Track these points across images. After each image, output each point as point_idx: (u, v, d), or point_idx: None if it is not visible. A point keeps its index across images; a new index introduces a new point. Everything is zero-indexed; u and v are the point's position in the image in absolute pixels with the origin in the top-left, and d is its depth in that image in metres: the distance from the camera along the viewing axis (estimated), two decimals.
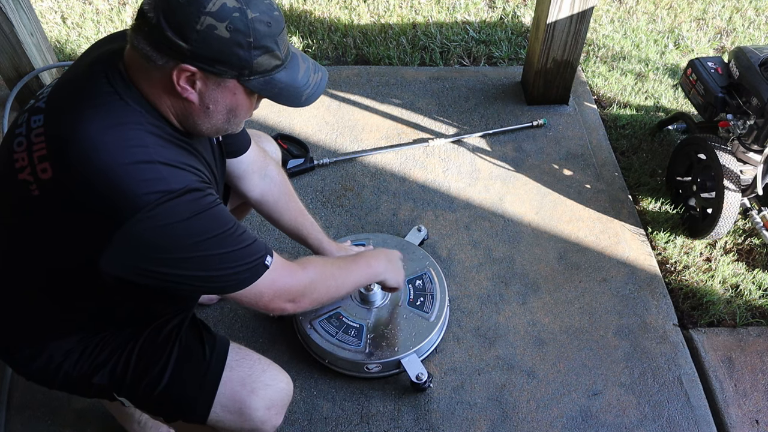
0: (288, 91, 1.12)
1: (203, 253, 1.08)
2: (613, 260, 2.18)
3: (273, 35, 1.06)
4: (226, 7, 1.00)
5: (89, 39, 2.89)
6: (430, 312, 1.87)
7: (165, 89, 1.06)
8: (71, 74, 1.14)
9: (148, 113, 1.07)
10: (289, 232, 1.68)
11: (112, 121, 1.04)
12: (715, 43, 3.11)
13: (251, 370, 1.31)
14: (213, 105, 1.09)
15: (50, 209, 1.05)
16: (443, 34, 3.02)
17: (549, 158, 2.49)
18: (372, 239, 2.03)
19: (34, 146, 1.06)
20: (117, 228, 1.00)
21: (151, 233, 1.03)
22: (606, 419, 1.82)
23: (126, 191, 1.00)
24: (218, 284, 1.14)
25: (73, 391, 1.32)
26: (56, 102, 1.10)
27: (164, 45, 1.01)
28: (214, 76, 1.05)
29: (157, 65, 1.03)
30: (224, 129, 1.16)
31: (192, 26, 0.99)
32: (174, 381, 1.26)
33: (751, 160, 2.11)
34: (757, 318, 2.09)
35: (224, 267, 1.12)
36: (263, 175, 1.57)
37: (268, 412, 1.29)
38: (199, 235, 1.07)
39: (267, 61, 1.07)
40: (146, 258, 1.05)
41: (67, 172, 1.02)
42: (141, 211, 1.00)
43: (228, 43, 1.01)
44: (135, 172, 1.01)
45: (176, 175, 1.05)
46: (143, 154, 1.03)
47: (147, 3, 1.02)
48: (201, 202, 1.07)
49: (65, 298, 1.18)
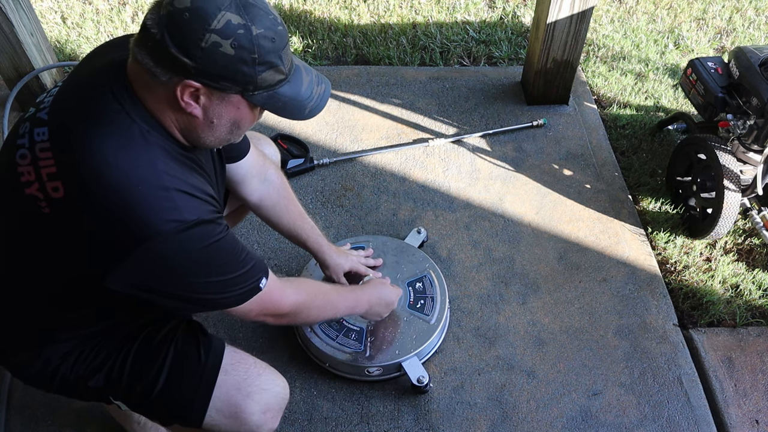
0: (292, 104, 1.13)
1: (206, 279, 1.13)
2: (613, 260, 2.18)
3: (277, 50, 1.05)
4: (230, 24, 1.00)
5: (89, 39, 2.89)
6: (431, 314, 1.87)
7: (169, 104, 1.06)
8: (74, 83, 1.13)
9: (154, 130, 1.07)
10: (288, 236, 1.69)
11: (122, 141, 1.04)
12: (715, 43, 3.11)
13: (247, 374, 1.31)
14: (217, 119, 1.09)
15: (60, 227, 1.05)
16: (443, 34, 3.02)
17: (549, 158, 2.49)
18: (371, 241, 2.03)
19: (41, 161, 1.05)
20: (128, 252, 1.02)
21: (161, 260, 1.05)
22: (606, 419, 1.82)
23: (141, 217, 1.01)
24: (213, 305, 1.21)
25: (70, 394, 1.32)
26: (61, 116, 1.09)
27: (168, 61, 1.00)
28: (218, 91, 1.05)
29: (161, 81, 1.03)
30: (227, 140, 1.17)
31: (196, 44, 0.99)
32: (169, 385, 1.26)
33: (751, 160, 2.11)
34: (757, 318, 2.09)
35: (223, 291, 1.17)
36: (262, 179, 1.57)
37: (263, 416, 1.29)
38: (206, 264, 1.11)
39: (271, 76, 1.07)
40: (151, 279, 1.08)
41: (81, 194, 1.02)
42: (153, 238, 1.02)
43: (233, 60, 1.01)
44: (149, 198, 1.02)
45: (190, 206, 1.07)
46: (156, 178, 1.04)
47: (150, 18, 1.01)
48: (211, 234, 1.10)
49: (64, 304, 1.18)
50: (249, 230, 2.20)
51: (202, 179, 1.15)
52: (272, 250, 2.15)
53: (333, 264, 1.77)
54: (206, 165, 1.24)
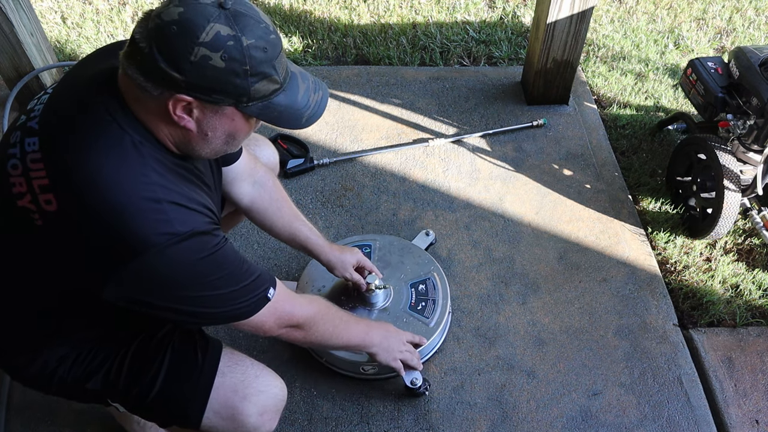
0: (288, 113, 1.11)
1: (205, 293, 1.11)
2: (613, 260, 2.18)
3: (270, 60, 1.03)
4: (220, 36, 0.97)
5: (89, 39, 2.89)
6: (431, 317, 1.86)
7: (162, 118, 1.04)
8: (64, 92, 1.11)
9: (148, 141, 1.05)
10: (285, 239, 1.65)
11: (115, 152, 1.02)
12: (715, 43, 3.11)
13: (244, 375, 1.30)
14: (212, 132, 1.08)
15: (53, 240, 1.04)
16: (443, 34, 3.02)
17: (549, 158, 2.49)
18: (378, 240, 2.03)
19: (32, 173, 1.03)
20: (123, 265, 1.01)
21: (156, 273, 1.04)
22: (606, 419, 1.82)
23: (136, 231, 1.00)
24: (217, 319, 1.18)
25: (68, 396, 1.32)
26: (51, 126, 1.06)
27: (158, 76, 0.98)
28: (210, 104, 1.03)
29: (152, 95, 1.01)
30: (224, 151, 1.15)
31: (186, 57, 0.96)
32: (166, 387, 1.26)
33: (751, 160, 2.11)
34: (757, 318, 2.09)
35: (224, 304, 1.15)
36: (253, 182, 1.55)
37: (260, 418, 1.28)
38: (203, 276, 1.09)
39: (265, 86, 1.05)
40: (148, 293, 1.06)
41: (74, 207, 1.01)
42: (148, 251, 1.01)
43: (224, 72, 0.99)
44: (142, 211, 1.01)
45: (184, 218, 1.05)
46: (150, 191, 1.03)
47: (138, 32, 0.99)
48: (207, 245, 1.08)
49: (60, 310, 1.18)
50: (249, 230, 2.20)
51: (198, 189, 1.14)
52: (272, 250, 2.15)
53: (339, 261, 1.73)
54: (205, 173, 1.22)
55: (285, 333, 1.30)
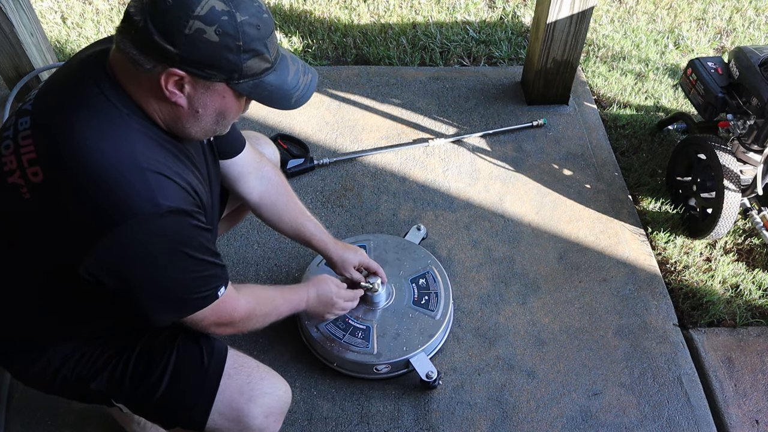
0: (278, 93, 1.11)
1: (173, 275, 1.10)
2: (613, 260, 2.18)
3: (262, 38, 1.04)
4: (214, 11, 0.99)
5: (89, 39, 2.89)
6: (436, 310, 1.87)
7: (153, 93, 1.05)
8: (57, 77, 1.13)
9: (136, 115, 1.06)
10: (291, 234, 1.65)
11: (100, 123, 1.03)
12: (715, 43, 3.11)
13: (249, 377, 1.30)
14: (202, 109, 1.08)
15: (40, 211, 1.04)
16: (443, 34, 3.02)
17: (549, 158, 2.49)
18: (372, 240, 2.03)
19: (22, 149, 1.05)
20: (102, 233, 1.01)
21: (134, 243, 1.03)
22: (606, 419, 1.82)
23: (118, 198, 1.00)
24: (172, 307, 1.16)
25: (71, 396, 1.32)
26: (42, 104, 1.09)
27: (152, 49, 0.99)
28: (202, 80, 1.04)
29: (145, 69, 1.02)
30: (213, 131, 1.15)
31: (180, 30, 0.98)
32: (172, 388, 1.26)
33: (751, 160, 2.11)
34: (757, 318, 2.09)
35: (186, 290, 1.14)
36: (260, 177, 1.55)
37: (266, 420, 1.28)
38: (178, 254, 1.08)
39: (257, 64, 1.06)
40: (122, 264, 1.05)
41: (59, 176, 1.02)
42: (129, 220, 1.00)
43: (217, 47, 1.00)
44: (127, 179, 1.01)
45: (168, 191, 1.05)
46: (134, 160, 1.03)
47: (133, 6, 1.01)
48: (186, 224, 1.08)
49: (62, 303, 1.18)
50: (249, 230, 2.20)
51: (185, 167, 1.14)
52: (272, 250, 2.15)
53: (340, 260, 1.73)
54: (196, 156, 1.22)
55: (216, 330, 1.27)
